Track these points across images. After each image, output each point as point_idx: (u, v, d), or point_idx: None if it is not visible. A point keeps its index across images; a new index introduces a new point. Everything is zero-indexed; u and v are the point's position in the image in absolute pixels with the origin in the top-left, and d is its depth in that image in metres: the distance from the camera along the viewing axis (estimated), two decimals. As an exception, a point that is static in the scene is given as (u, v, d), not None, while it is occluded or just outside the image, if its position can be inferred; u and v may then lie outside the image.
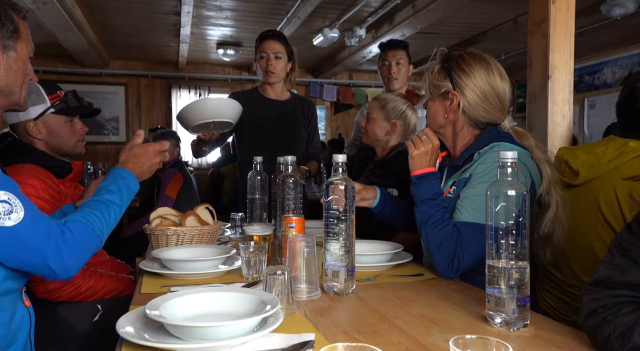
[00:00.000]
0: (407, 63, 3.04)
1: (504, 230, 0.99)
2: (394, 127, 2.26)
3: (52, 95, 1.80)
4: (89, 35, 4.94)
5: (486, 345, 0.72)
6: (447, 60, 1.55)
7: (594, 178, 1.72)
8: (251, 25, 4.94)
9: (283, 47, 2.64)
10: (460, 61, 1.54)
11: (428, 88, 1.61)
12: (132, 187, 1.42)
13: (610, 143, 1.75)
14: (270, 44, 2.62)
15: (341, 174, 1.25)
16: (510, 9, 4.42)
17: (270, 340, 0.92)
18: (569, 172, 1.78)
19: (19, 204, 1.09)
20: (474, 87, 1.51)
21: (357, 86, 7.44)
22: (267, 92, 2.72)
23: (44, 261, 1.12)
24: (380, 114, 2.27)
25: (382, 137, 2.28)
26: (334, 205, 1.24)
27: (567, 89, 2.29)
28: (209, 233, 1.74)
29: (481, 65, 1.53)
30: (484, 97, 1.52)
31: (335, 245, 1.24)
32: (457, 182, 1.53)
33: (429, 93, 1.61)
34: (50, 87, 1.83)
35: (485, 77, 1.52)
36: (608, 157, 1.71)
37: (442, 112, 1.58)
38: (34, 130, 1.77)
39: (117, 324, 0.93)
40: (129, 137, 6.62)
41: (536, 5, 2.33)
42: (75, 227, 1.20)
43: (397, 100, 2.28)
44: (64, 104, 1.81)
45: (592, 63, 5.99)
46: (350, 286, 1.26)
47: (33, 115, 1.77)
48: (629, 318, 0.84)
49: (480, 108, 1.53)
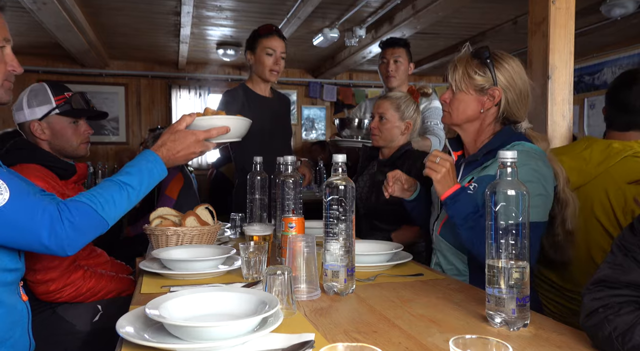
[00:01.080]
0: (407, 61, 3.02)
1: (504, 230, 0.99)
2: (409, 127, 2.25)
3: (58, 96, 1.81)
4: (89, 35, 4.94)
5: (486, 345, 0.72)
6: (487, 55, 1.53)
7: (585, 184, 1.71)
8: (251, 25, 4.91)
9: (285, 46, 2.66)
10: (500, 58, 1.54)
11: (460, 80, 1.56)
12: (155, 173, 1.37)
13: (593, 146, 1.75)
14: (278, 43, 2.61)
15: (341, 174, 1.25)
16: (510, 9, 4.42)
17: (270, 340, 0.92)
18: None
19: (3, 186, 1.12)
20: (515, 84, 1.52)
21: (357, 86, 7.44)
22: (257, 87, 2.69)
23: (37, 237, 1.15)
24: (396, 114, 2.23)
25: (396, 137, 2.25)
26: (334, 205, 1.24)
27: (567, 89, 2.29)
28: (209, 233, 1.74)
29: (517, 63, 1.54)
30: (521, 95, 1.54)
31: (335, 245, 1.24)
32: (477, 178, 1.52)
33: (460, 84, 1.56)
34: (58, 88, 1.84)
35: (524, 76, 1.54)
36: (595, 161, 1.71)
37: (477, 106, 1.55)
38: (38, 130, 1.78)
39: (117, 324, 0.93)
40: (129, 137, 6.63)
41: (536, 5, 2.33)
42: (74, 206, 1.21)
43: (408, 100, 2.27)
44: (68, 106, 1.82)
45: (592, 63, 5.99)
46: (350, 286, 1.26)
47: (38, 115, 1.78)
48: (629, 318, 0.84)
49: (516, 107, 1.54)
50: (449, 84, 1.60)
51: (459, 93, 1.57)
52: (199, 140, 1.45)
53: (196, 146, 1.45)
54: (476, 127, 1.59)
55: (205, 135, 1.47)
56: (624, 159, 1.67)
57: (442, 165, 1.47)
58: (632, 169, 1.65)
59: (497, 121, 1.57)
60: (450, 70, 1.59)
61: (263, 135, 2.62)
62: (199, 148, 1.46)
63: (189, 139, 1.44)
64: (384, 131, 2.24)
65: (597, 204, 1.68)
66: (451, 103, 1.60)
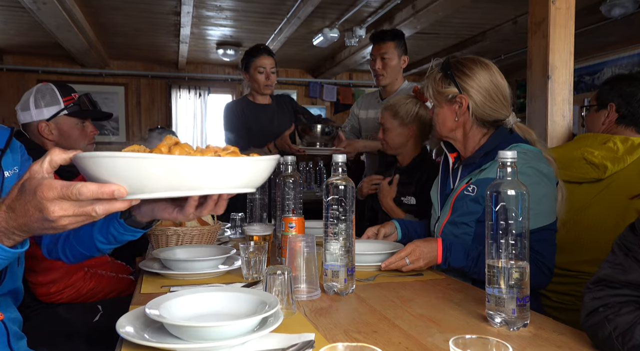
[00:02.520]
0: (397, 56, 2.86)
1: (504, 230, 0.99)
2: (412, 131, 2.25)
3: (66, 97, 1.82)
4: (89, 35, 4.94)
5: (486, 345, 0.72)
6: (447, 67, 1.60)
7: (621, 170, 1.79)
8: (251, 25, 4.94)
9: (274, 61, 2.99)
10: (460, 66, 1.60)
11: (433, 96, 1.65)
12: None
13: (612, 139, 1.85)
14: (266, 60, 2.96)
15: (341, 174, 1.25)
16: (510, 9, 4.42)
17: (270, 340, 0.93)
18: (592, 168, 1.85)
19: None
20: (479, 87, 1.57)
21: (357, 86, 7.43)
22: (257, 99, 3.05)
23: None
24: (395, 122, 2.25)
25: (403, 144, 2.27)
26: (334, 205, 1.25)
27: (567, 89, 2.30)
28: (209, 233, 1.74)
29: (481, 66, 1.59)
30: (489, 95, 1.58)
31: (335, 245, 1.24)
32: (476, 180, 1.55)
33: (434, 101, 1.65)
34: (65, 89, 1.86)
35: (488, 77, 1.58)
36: (623, 150, 1.80)
37: (452, 115, 1.62)
38: (46, 130, 1.80)
39: (117, 324, 0.93)
40: (129, 137, 6.62)
41: (536, 5, 2.33)
42: None
43: (408, 103, 2.25)
44: (77, 107, 1.83)
45: (592, 63, 5.98)
46: (350, 286, 1.26)
47: (46, 116, 1.80)
48: (630, 318, 0.84)
49: (487, 107, 1.58)
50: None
51: (436, 108, 1.67)
52: (54, 196, 0.77)
53: (49, 206, 0.77)
54: (461, 133, 1.65)
55: (93, 193, 0.76)
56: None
57: (414, 261, 1.45)
58: None
59: (479, 124, 1.62)
60: (425, 89, 1.68)
61: (264, 137, 2.83)
62: (71, 212, 0.78)
63: (44, 196, 0.77)
64: (389, 140, 2.29)
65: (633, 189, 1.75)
66: (435, 119, 1.69)
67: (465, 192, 1.56)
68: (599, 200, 1.81)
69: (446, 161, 1.75)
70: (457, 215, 1.58)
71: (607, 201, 1.79)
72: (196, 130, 6.79)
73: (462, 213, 1.56)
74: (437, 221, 1.69)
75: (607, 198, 1.80)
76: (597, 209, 1.80)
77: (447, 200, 1.65)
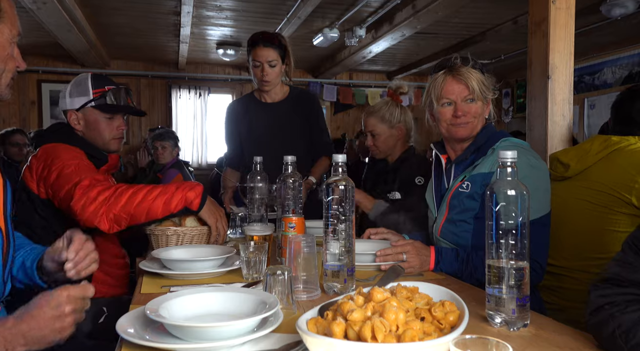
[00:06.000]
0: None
1: (504, 230, 0.99)
2: (401, 131, 2.34)
3: (97, 89, 1.83)
4: (89, 35, 4.94)
5: (486, 345, 0.72)
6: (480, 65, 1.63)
7: (584, 170, 1.85)
8: (251, 25, 4.93)
9: (276, 52, 2.51)
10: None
11: (481, 90, 1.58)
12: None
13: (594, 140, 1.90)
14: (263, 52, 2.49)
15: (341, 174, 1.25)
16: (510, 9, 4.42)
17: (270, 340, 0.93)
18: (560, 167, 1.92)
19: None
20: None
21: (357, 86, 7.43)
22: (264, 96, 2.65)
23: None
24: (384, 126, 2.32)
25: (394, 145, 2.35)
26: (334, 205, 1.24)
27: (567, 89, 2.30)
28: (209, 233, 1.74)
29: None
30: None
31: (335, 245, 1.24)
32: (470, 177, 1.57)
33: (480, 94, 1.59)
34: (100, 81, 1.86)
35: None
36: (595, 151, 1.85)
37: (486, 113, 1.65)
38: (74, 120, 1.83)
39: (117, 324, 0.93)
40: (129, 137, 6.62)
41: (536, 5, 2.33)
42: None
43: (389, 106, 2.33)
44: (103, 100, 1.83)
45: (592, 63, 5.98)
46: (350, 286, 1.26)
47: (76, 106, 1.82)
48: (635, 316, 0.84)
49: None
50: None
51: (477, 102, 1.65)
52: (56, 314, 0.95)
53: (58, 320, 0.96)
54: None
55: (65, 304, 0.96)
56: (619, 148, 1.80)
57: (410, 258, 1.48)
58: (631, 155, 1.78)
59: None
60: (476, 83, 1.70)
61: (267, 144, 2.56)
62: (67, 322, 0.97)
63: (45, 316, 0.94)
64: (380, 145, 2.35)
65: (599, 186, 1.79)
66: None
67: (460, 189, 1.58)
68: (566, 198, 1.86)
69: (438, 162, 1.75)
70: (455, 213, 1.58)
71: (573, 197, 1.85)
72: (196, 130, 6.80)
73: (459, 211, 1.57)
74: (435, 222, 1.69)
75: (573, 194, 1.86)
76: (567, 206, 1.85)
77: (443, 200, 1.65)
